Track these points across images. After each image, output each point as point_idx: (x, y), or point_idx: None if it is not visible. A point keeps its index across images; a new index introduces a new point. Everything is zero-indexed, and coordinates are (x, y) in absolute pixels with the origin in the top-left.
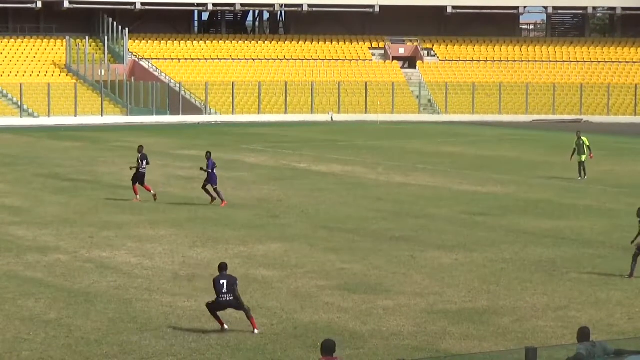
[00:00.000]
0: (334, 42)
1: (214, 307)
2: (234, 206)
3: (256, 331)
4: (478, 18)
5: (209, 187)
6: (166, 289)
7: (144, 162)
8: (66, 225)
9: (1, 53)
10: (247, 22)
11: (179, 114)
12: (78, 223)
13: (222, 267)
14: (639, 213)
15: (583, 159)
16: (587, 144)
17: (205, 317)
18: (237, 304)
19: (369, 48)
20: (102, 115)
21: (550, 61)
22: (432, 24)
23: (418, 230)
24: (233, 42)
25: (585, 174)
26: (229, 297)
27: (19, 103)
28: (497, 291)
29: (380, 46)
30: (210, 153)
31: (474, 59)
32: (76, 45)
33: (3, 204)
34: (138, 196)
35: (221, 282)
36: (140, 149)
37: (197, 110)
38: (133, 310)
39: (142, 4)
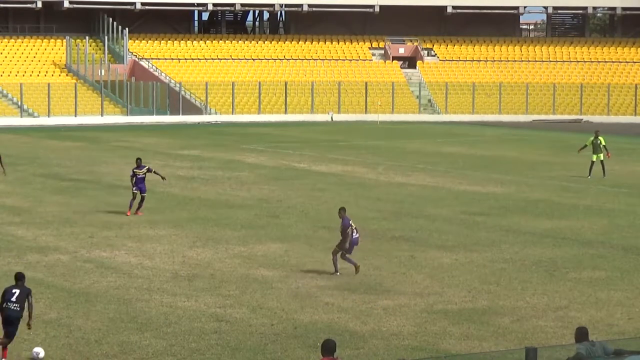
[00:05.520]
0: (334, 42)
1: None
2: (233, 206)
3: None
4: (478, 18)
5: None
6: (166, 289)
7: None
8: (66, 225)
9: (1, 53)
10: (247, 22)
11: (179, 114)
12: (78, 223)
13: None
14: None
15: (599, 158)
16: (604, 143)
17: (205, 317)
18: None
19: (369, 48)
20: (102, 115)
21: (550, 61)
22: (432, 24)
23: (418, 230)
24: (233, 42)
25: (604, 173)
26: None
27: (19, 103)
28: (497, 291)
29: (380, 46)
30: None
31: (474, 59)
32: (76, 45)
33: (3, 204)
34: None
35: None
36: None
37: (197, 110)
38: (133, 310)
39: (142, 4)
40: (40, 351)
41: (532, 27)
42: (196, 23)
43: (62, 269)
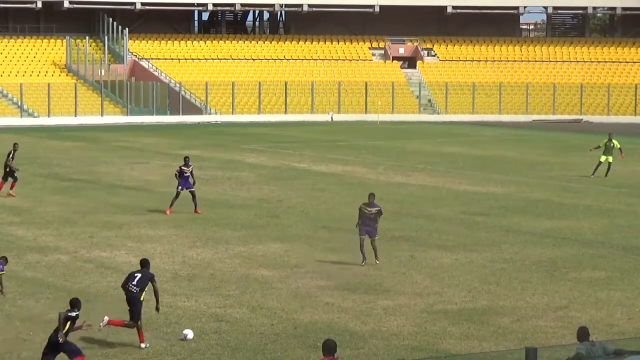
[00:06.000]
0: (334, 42)
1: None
2: (233, 206)
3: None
4: (478, 18)
5: None
6: (166, 289)
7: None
8: (66, 225)
9: (1, 53)
10: (247, 22)
11: (179, 114)
12: (78, 223)
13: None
14: None
15: (607, 160)
16: (618, 146)
17: (205, 317)
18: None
19: (369, 48)
20: (102, 115)
21: (550, 61)
22: (432, 24)
23: (418, 230)
24: (233, 42)
25: (607, 174)
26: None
27: (19, 103)
28: (497, 291)
29: (380, 46)
30: None
31: (474, 59)
32: (76, 45)
33: (3, 204)
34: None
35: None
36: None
37: (197, 110)
38: None
39: (142, 4)
40: (188, 333)
41: (532, 27)
42: (196, 23)
43: (62, 269)
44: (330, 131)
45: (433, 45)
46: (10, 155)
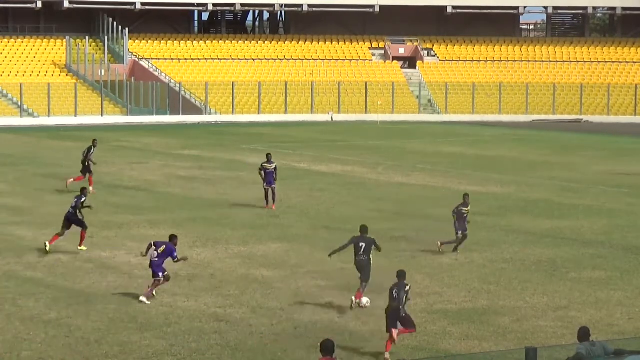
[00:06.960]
0: (334, 42)
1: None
2: (234, 206)
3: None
4: (478, 18)
5: None
6: (166, 289)
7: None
8: None
9: (1, 53)
10: (247, 22)
11: (179, 114)
12: None
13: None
14: None
15: None
16: None
17: (205, 317)
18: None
19: (369, 48)
20: (102, 115)
21: (550, 61)
22: (432, 24)
23: (418, 230)
24: (233, 42)
25: None
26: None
27: (19, 103)
28: (497, 291)
29: (380, 46)
30: None
31: (474, 59)
32: (76, 45)
33: (3, 204)
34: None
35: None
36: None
37: (197, 110)
38: (133, 310)
39: (142, 4)
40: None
41: (532, 27)
42: (196, 23)
43: (62, 269)
44: (330, 131)
45: (433, 45)
46: (91, 152)
